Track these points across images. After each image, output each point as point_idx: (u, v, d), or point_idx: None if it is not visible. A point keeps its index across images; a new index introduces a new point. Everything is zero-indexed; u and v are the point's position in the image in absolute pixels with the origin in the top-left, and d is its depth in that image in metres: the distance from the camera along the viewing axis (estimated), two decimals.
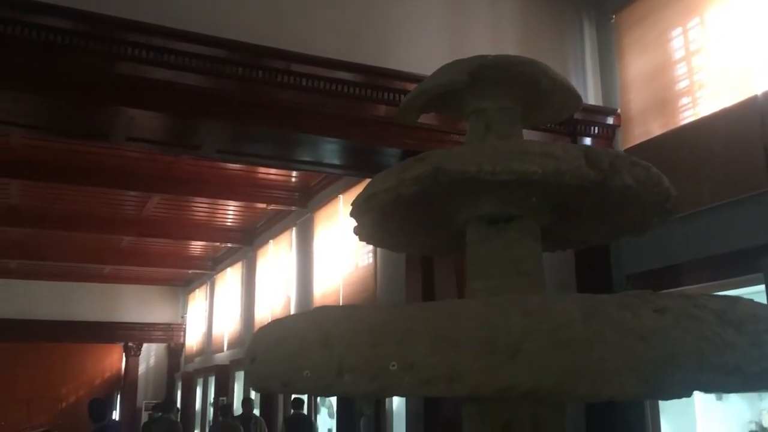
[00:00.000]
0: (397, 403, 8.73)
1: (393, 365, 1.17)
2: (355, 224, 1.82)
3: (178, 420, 10.15)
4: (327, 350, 1.24)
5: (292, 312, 12.41)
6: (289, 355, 1.31)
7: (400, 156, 6.72)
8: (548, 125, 5.78)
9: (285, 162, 7.49)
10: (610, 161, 1.49)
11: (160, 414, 9.95)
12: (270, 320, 1.48)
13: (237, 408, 11.52)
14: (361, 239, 1.87)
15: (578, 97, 1.80)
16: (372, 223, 1.74)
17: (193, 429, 14.91)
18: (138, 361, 18.96)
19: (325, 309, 1.36)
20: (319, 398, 10.69)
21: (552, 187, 1.54)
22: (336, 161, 7.22)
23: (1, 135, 9.14)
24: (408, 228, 1.84)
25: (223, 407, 10.38)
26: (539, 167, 1.42)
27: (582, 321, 1.16)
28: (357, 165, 7.49)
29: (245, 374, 1.54)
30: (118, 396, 19.69)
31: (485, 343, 1.13)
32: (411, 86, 5.61)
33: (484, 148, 1.53)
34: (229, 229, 14.32)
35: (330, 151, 6.99)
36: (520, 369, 1.11)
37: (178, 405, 11.58)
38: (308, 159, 7.08)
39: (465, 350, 1.14)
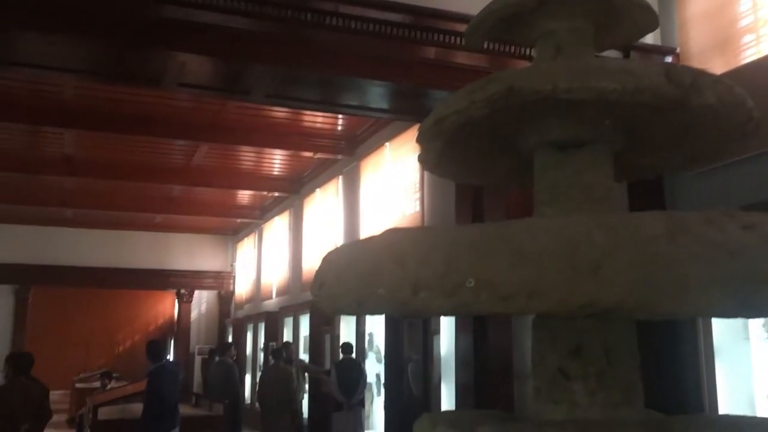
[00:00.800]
0: (446, 349, 8.81)
1: (470, 282, 1.16)
2: (420, 152, 1.79)
3: (234, 362, 10.46)
4: (401, 268, 1.24)
5: None
6: (362, 275, 1.31)
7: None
8: None
9: (332, 106, 7.47)
10: (692, 78, 1.43)
11: (217, 357, 10.28)
12: (337, 246, 1.48)
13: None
14: (425, 168, 1.84)
15: (654, 15, 1.72)
16: (438, 150, 1.72)
17: (245, 372, 15.34)
18: (190, 307, 19.52)
19: (396, 230, 1.35)
20: (366, 344, 10.86)
21: (628, 108, 1.49)
22: (383, 105, 7.16)
23: (55, 85, 9.31)
24: (473, 156, 1.81)
25: (273, 351, 10.63)
26: (618, 84, 1.37)
27: (666, 236, 1.12)
28: (404, 109, 7.41)
29: (315, 298, 1.55)
30: (172, 341, 20.37)
31: (567, 258, 1.11)
32: (460, 27, 5.49)
33: (558, 66, 1.47)
34: (275, 178, 14.45)
35: (377, 94, 6.92)
36: (603, 284, 1.09)
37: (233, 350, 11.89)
38: (355, 103, 7.03)
39: (546, 266, 1.11)
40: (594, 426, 1.33)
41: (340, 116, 10.99)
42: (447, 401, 8.52)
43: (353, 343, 10.18)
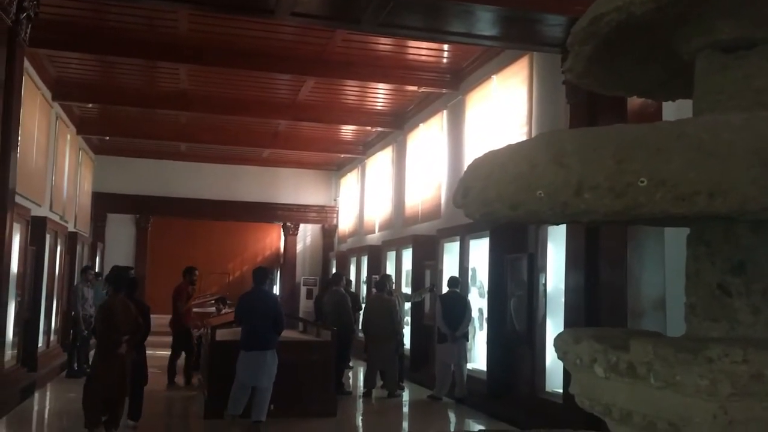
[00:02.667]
0: (552, 286, 8.68)
1: (642, 181, 1.08)
2: (567, 60, 1.70)
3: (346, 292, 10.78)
4: (563, 168, 1.18)
5: (443, 193, 12.52)
6: (517, 177, 1.26)
7: (566, 24, 6.31)
8: None
9: (441, 35, 7.31)
10: None
11: (334, 288, 10.61)
12: (481, 155, 1.43)
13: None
14: (571, 77, 1.74)
15: None
16: (587, 55, 1.61)
17: (360, 302, 15.62)
18: (295, 240, 20.16)
19: (555, 131, 1.28)
20: (469, 278, 10.87)
21: None
22: (493, 32, 6.92)
23: (171, 20, 9.58)
24: (624, 63, 1.69)
25: (377, 283, 10.84)
26: None
27: None
28: (514, 36, 7.16)
29: (460, 207, 1.52)
30: (278, 272, 21.18)
31: (757, 154, 1.01)
32: None
33: None
34: (379, 113, 14.45)
35: (487, 20, 6.69)
36: None
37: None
38: (464, 30, 6.83)
39: (732, 163, 1.03)
40: (762, 344, 1.24)
41: (445, 49, 10.77)
42: (552, 339, 8.44)
43: (459, 281, 10.21)
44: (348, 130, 16.13)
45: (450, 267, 11.24)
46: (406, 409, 9.89)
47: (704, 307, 1.47)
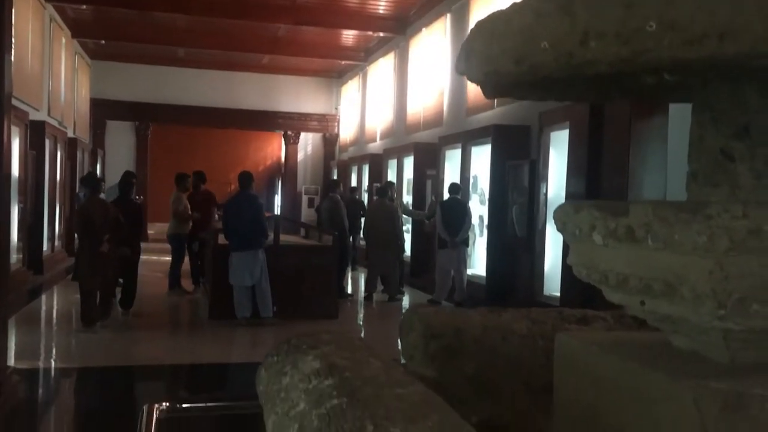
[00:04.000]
0: (553, 193, 8.69)
1: (651, 26, 1.05)
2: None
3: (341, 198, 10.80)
4: (569, 17, 1.14)
5: (446, 100, 12.35)
6: (522, 29, 1.22)
7: None
8: None
9: None
10: None
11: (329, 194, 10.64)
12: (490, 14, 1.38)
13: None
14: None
15: None
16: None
17: (361, 209, 15.60)
18: (296, 149, 20.07)
19: None
20: (471, 186, 10.88)
21: None
22: None
23: None
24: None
25: (378, 189, 10.86)
26: None
27: None
28: None
29: (462, 73, 1.48)
30: (280, 181, 21.20)
31: None
32: None
33: None
34: (381, 17, 14.06)
35: None
36: None
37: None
38: None
39: (742, 4, 0.99)
40: (761, 206, 1.24)
41: None
42: (552, 245, 8.53)
43: (461, 187, 10.21)
44: (349, 35, 15.75)
45: (451, 175, 11.22)
46: None
47: (706, 174, 1.46)
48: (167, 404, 2.33)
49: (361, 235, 11.53)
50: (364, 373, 1.36)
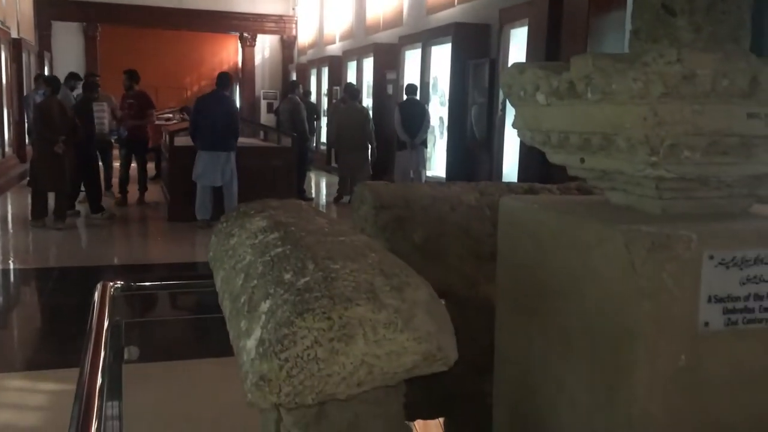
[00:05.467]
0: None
1: None
2: None
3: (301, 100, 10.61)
4: None
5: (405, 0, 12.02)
6: None
7: None
8: None
9: None
10: None
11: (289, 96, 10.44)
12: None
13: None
14: None
15: None
16: None
17: (320, 111, 15.38)
18: (253, 52, 19.51)
19: None
20: (431, 88, 10.79)
21: None
22: None
23: None
24: None
25: (351, 91, 10.56)
26: None
27: None
28: None
29: None
30: (237, 86, 20.70)
31: None
32: None
33: None
34: None
35: None
36: None
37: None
38: None
39: None
40: (696, 52, 1.26)
41: None
42: (511, 146, 8.59)
43: (418, 87, 10.10)
44: None
45: (411, 77, 11.07)
46: None
47: (647, 30, 1.47)
48: (121, 283, 2.35)
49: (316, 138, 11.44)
50: (309, 227, 1.38)
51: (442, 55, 10.37)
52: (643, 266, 1.27)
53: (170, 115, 15.65)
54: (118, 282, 2.34)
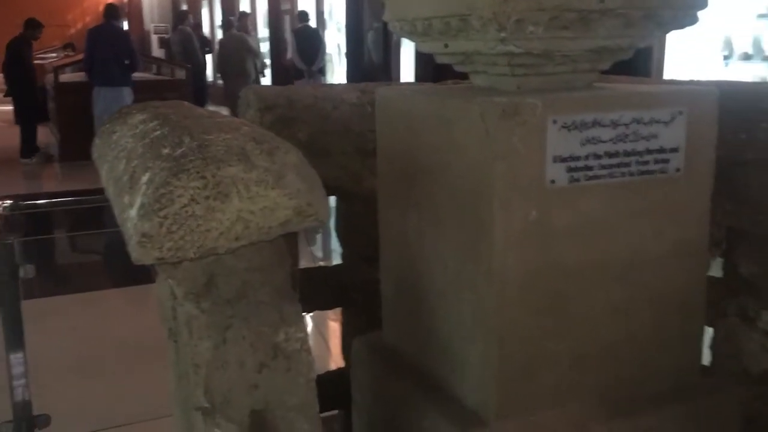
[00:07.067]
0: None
1: None
2: None
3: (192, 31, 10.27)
4: None
5: None
6: None
7: None
8: None
9: None
10: None
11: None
12: None
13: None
14: None
15: None
16: None
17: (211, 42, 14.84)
18: None
19: None
20: (327, 14, 10.67)
21: None
22: None
23: None
24: None
25: (238, 20, 10.33)
26: None
27: None
28: None
29: None
30: (126, 22, 19.67)
31: None
32: None
33: None
34: None
35: None
36: None
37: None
38: None
39: None
40: None
41: None
42: (408, 67, 8.70)
43: (312, 16, 9.97)
44: None
45: (306, 6, 10.90)
46: None
47: None
48: (10, 201, 2.33)
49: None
50: (188, 114, 1.44)
51: None
52: (495, 132, 1.41)
53: (54, 55, 14.79)
54: (6, 201, 2.31)
